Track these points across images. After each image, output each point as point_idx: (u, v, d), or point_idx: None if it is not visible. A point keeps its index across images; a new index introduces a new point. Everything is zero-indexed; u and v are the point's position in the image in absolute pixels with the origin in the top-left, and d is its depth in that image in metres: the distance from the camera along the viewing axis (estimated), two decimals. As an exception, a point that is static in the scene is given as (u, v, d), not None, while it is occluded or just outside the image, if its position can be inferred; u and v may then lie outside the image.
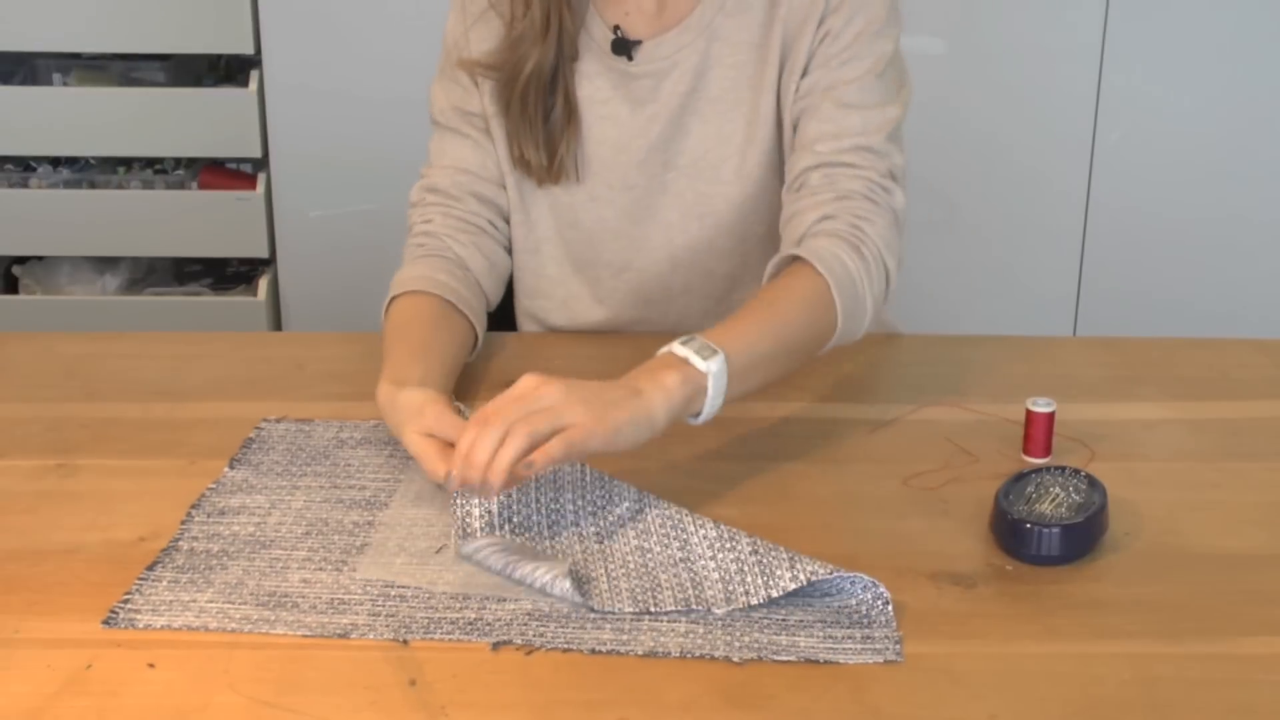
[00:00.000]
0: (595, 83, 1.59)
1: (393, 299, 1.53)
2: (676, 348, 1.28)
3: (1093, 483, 1.24)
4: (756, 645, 1.08)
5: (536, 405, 1.19)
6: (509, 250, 1.66)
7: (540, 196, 1.62)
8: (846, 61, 1.51)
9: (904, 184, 1.51)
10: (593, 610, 1.12)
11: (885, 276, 1.46)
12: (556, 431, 1.18)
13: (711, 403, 1.28)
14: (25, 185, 2.93)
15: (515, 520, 1.23)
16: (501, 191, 1.63)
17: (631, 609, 1.12)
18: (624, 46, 1.57)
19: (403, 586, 1.15)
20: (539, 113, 1.57)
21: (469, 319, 1.53)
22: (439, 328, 1.48)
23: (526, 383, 1.22)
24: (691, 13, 1.56)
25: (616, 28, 1.58)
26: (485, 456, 1.17)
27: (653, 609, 1.13)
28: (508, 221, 1.65)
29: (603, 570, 1.18)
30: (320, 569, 1.18)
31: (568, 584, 1.13)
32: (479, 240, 1.61)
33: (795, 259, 1.42)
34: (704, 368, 1.26)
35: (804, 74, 1.52)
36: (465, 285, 1.56)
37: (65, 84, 2.93)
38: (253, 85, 2.84)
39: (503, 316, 1.71)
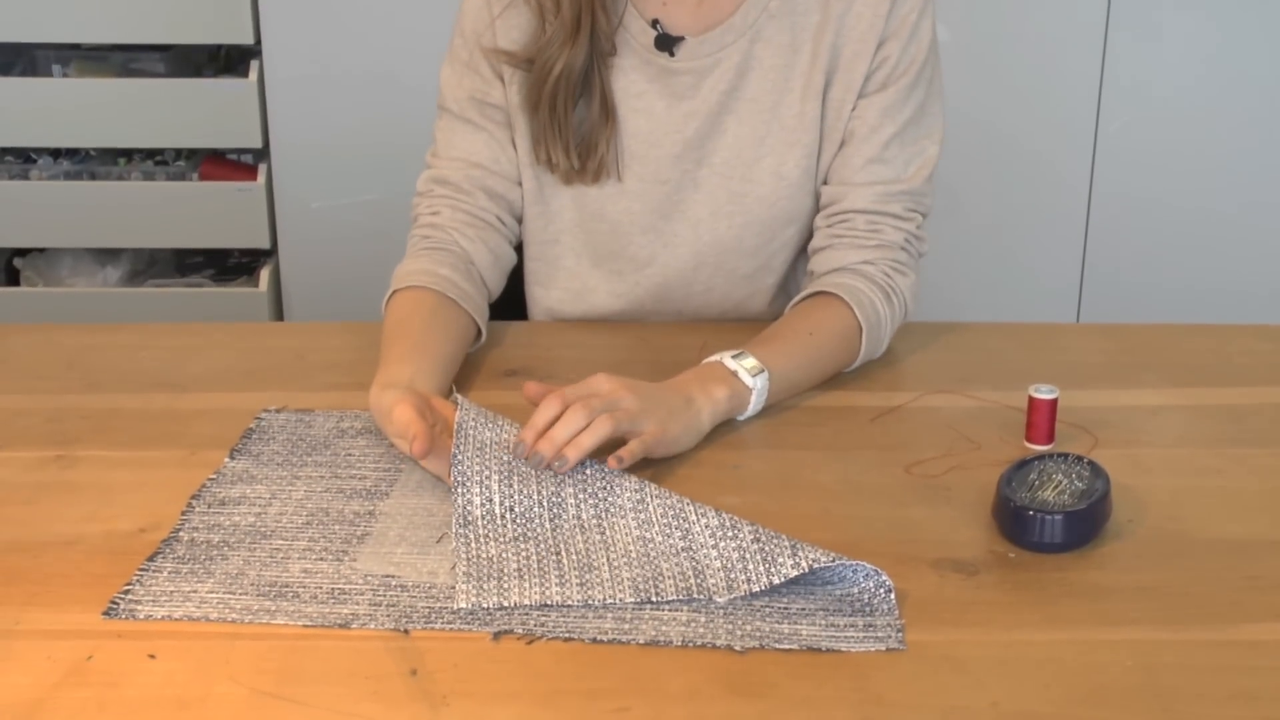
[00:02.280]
0: (630, 76, 1.58)
1: (393, 293, 1.52)
2: (728, 361, 1.40)
3: (1095, 469, 1.24)
4: (758, 634, 1.08)
5: (617, 405, 1.29)
6: (515, 245, 1.66)
7: (563, 189, 1.62)
8: (899, 93, 1.56)
9: (929, 221, 1.63)
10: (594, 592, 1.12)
11: (904, 317, 1.58)
12: (632, 433, 1.29)
13: (747, 414, 1.41)
14: (26, 177, 2.93)
15: (517, 510, 1.23)
16: (514, 186, 1.63)
17: (633, 599, 1.12)
18: (668, 42, 1.57)
19: (403, 578, 1.15)
20: (567, 114, 1.56)
21: (469, 313, 1.53)
22: (435, 324, 1.48)
23: (603, 383, 1.31)
24: (735, 12, 1.56)
25: (655, 21, 1.58)
26: (567, 435, 1.26)
27: (654, 598, 1.12)
28: (517, 218, 1.65)
29: (604, 559, 1.17)
30: (321, 559, 1.18)
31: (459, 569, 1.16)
32: (485, 235, 1.60)
33: (832, 295, 1.52)
34: (750, 384, 1.39)
35: (861, 95, 1.56)
36: (468, 279, 1.56)
37: (65, 75, 2.92)
38: (253, 75, 2.83)
39: (510, 304, 1.71)
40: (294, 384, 1.50)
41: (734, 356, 1.40)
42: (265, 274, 2.94)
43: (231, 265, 3.09)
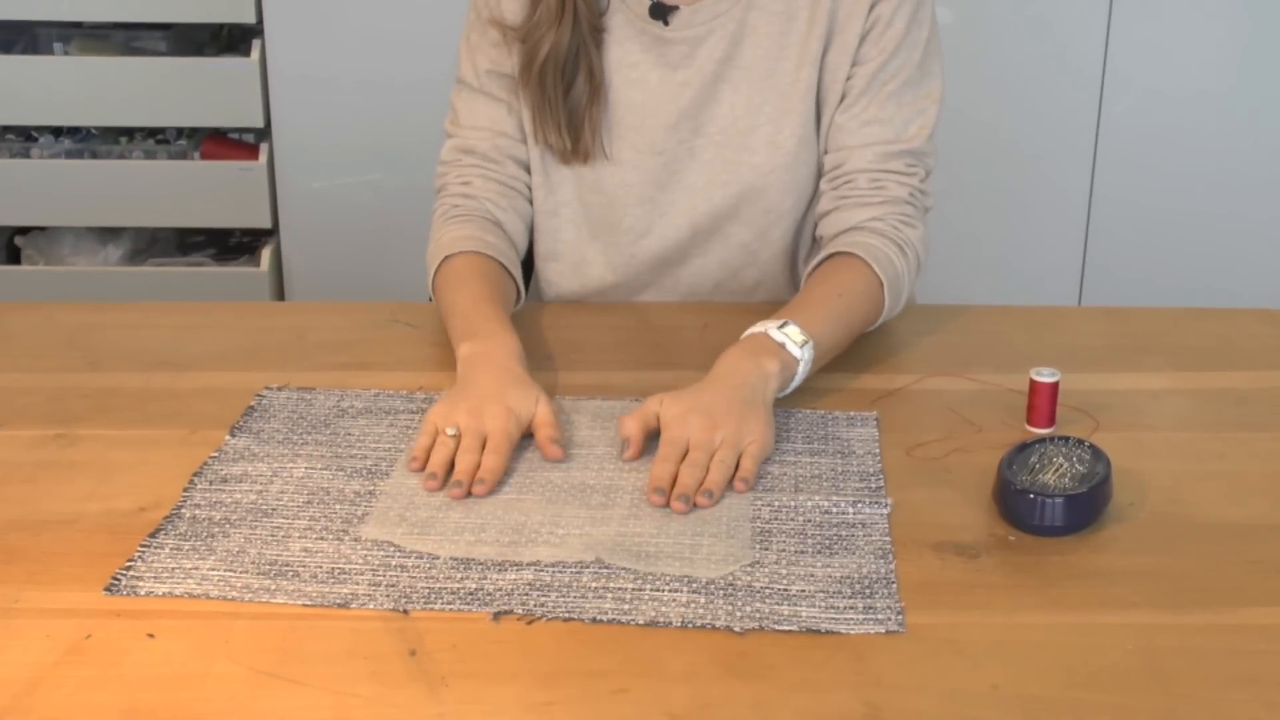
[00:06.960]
0: (625, 47, 1.59)
1: (446, 258, 1.55)
2: (773, 332, 1.38)
3: (1096, 453, 1.24)
4: (758, 615, 1.08)
5: (714, 444, 1.28)
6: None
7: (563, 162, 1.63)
8: (893, 53, 1.55)
9: (933, 177, 1.62)
10: (602, 566, 1.12)
11: (919, 268, 1.59)
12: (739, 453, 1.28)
13: (794, 386, 1.39)
14: (27, 155, 2.92)
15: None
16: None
17: (634, 565, 1.13)
18: (661, 11, 1.57)
19: (404, 555, 1.15)
20: (558, 93, 1.57)
21: (514, 278, 1.58)
22: (499, 287, 1.53)
23: (683, 427, 1.28)
24: None
25: None
26: (694, 483, 1.24)
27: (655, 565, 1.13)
28: None
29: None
30: (321, 538, 1.18)
31: None
32: (515, 203, 1.64)
33: (849, 255, 1.51)
34: (798, 355, 1.38)
35: (855, 58, 1.55)
36: (509, 246, 1.61)
37: (67, 53, 2.92)
38: (255, 55, 2.83)
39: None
40: (295, 364, 1.50)
41: (779, 327, 1.39)
42: (266, 253, 2.94)
43: (233, 245, 3.08)
